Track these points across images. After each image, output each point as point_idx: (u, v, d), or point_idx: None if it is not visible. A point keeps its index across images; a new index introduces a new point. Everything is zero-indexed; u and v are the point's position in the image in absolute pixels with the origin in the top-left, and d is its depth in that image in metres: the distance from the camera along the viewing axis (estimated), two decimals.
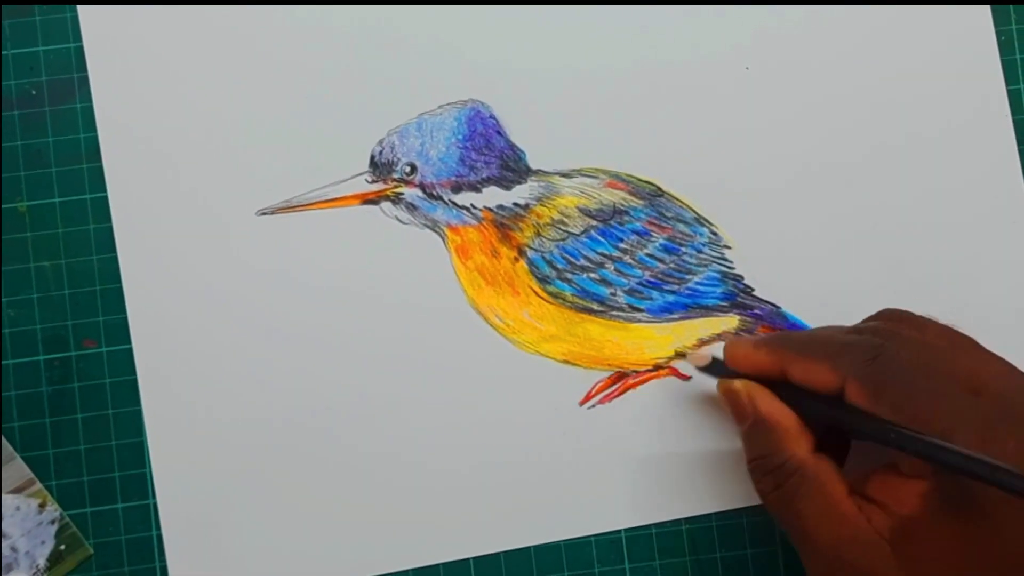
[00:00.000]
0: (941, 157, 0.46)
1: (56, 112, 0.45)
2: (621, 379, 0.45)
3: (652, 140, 0.45)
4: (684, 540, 0.45)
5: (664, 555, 0.45)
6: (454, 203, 0.44)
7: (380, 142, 0.44)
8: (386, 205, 0.44)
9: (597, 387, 0.45)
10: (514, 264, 0.44)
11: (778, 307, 0.45)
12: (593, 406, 0.44)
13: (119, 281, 0.45)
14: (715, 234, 0.45)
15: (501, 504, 0.44)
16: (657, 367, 0.45)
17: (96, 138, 0.45)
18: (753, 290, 0.45)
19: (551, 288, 0.44)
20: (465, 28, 0.45)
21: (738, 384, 0.40)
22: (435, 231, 0.45)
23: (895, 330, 0.38)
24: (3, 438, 0.44)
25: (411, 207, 0.44)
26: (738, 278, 0.45)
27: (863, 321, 0.41)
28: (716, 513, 0.45)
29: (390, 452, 0.44)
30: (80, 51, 0.45)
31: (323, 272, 0.44)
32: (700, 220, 0.45)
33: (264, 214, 0.44)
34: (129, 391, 0.44)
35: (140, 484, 0.44)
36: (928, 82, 0.46)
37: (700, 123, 0.45)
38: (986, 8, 0.46)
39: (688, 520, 0.45)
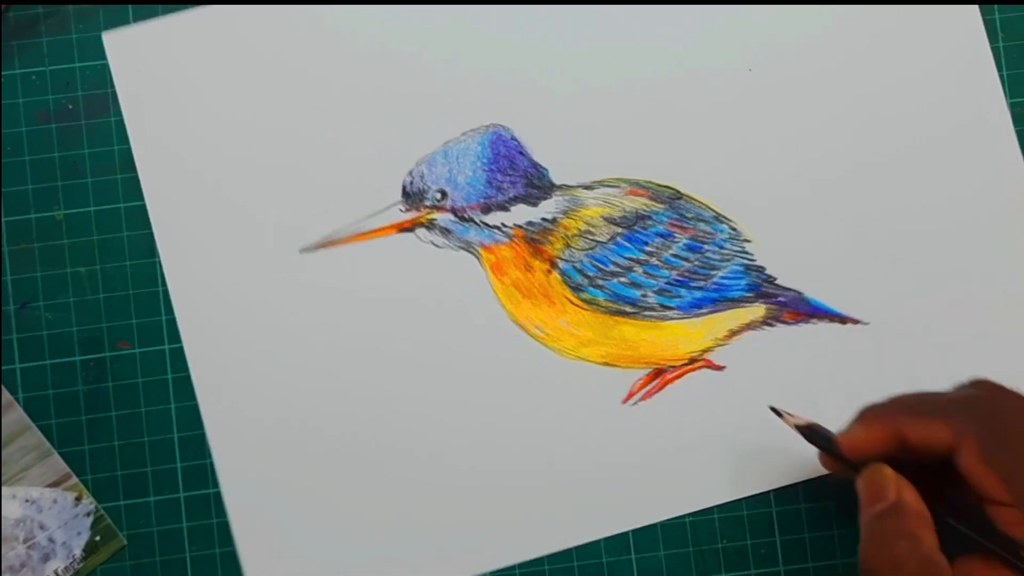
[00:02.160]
0: (943, 152, 0.48)
1: (91, 125, 0.47)
2: (659, 375, 0.47)
3: (667, 147, 0.47)
4: (687, 532, 0.47)
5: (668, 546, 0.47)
6: (485, 224, 0.47)
7: (410, 172, 0.47)
8: (421, 231, 0.47)
9: (637, 385, 0.47)
10: (547, 276, 0.47)
11: (800, 292, 0.47)
12: (635, 403, 0.47)
13: (152, 285, 0.47)
14: (735, 230, 0.47)
15: (557, 503, 0.46)
16: (692, 360, 0.47)
17: (129, 149, 0.47)
18: (775, 279, 0.47)
19: (585, 295, 0.47)
20: (480, 54, 0.47)
21: (890, 470, 0.39)
22: (470, 252, 0.47)
23: (997, 397, 0.39)
24: (41, 434, 0.46)
25: (445, 231, 0.47)
26: (760, 269, 0.47)
27: (955, 388, 0.41)
28: (718, 506, 0.47)
29: (439, 460, 0.46)
30: None
31: (368, 299, 0.46)
32: (719, 218, 0.47)
33: (307, 252, 0.46)
34: (161, 390, 0.47)
35: (171, 478, 0.46)
36: (930, 84, 0.48)
37: (712, 127, 0.48)
38: (978, 20, 0.49)
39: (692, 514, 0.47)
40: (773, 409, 0.45)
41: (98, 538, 0.46)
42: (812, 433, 0.44)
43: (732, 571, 0.47)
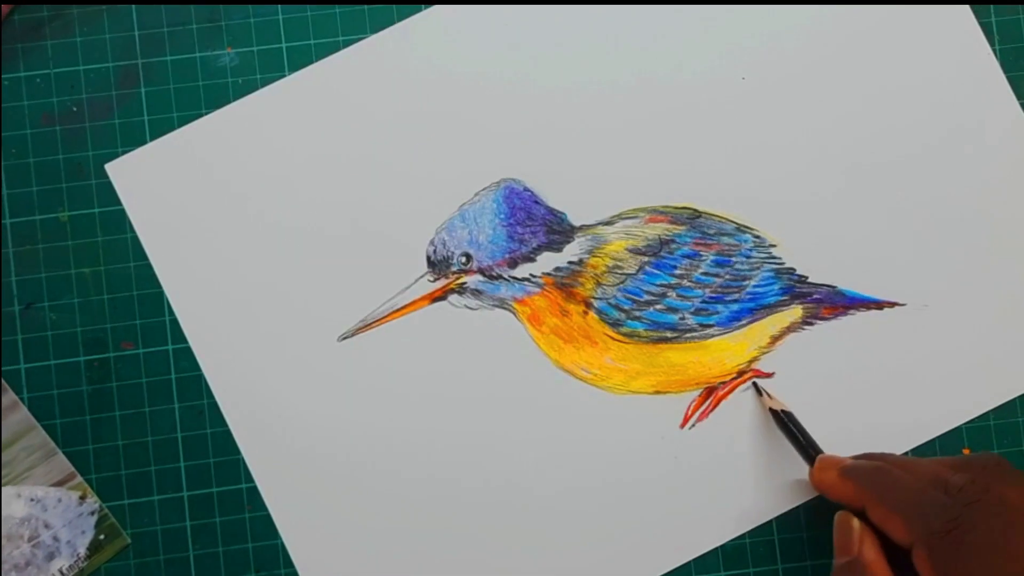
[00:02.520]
0: (946, 140, 0.48)
1: (95, 127, 0.48)
2: (712, 393, 0.47)
3: (678, 169, 0.48)
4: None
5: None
6: (514, 278, 0.47)
7: (431, 242, 0.47)
8: (454, 297, 0.47)
9: (692, 407, 0.47)
10: (584, 317, 0.47)
11: (834, 286, 0.48)
12: (693, 425, 0.47)
13: (155, 286, 0.47)
14: (758, 237, 0.48)
15: (636, 536, 0.47)
16: (741, 373, 0.47)
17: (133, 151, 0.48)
18: (807, 278, 0.48)
19: (624, 329, 0.47)
20: (479, 112, 0.48)
21: (856, 523, 0.41)
22: (505, 308, 0.47)
23: (985, 486, 0.39)
24: (46, 434, 0.46)
25: (477, 292, 0.47)
26: (791, 271, 0.48)
27: (962, 459, 0.42)
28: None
29: (504, 507, 0.47)
30: (118, 70, 0.48)
31: (413, 372, 0.47)
32: (741, 228, 0.48)
33: (345, 338, 0.47)
34: (164, 390, 0.47)
35: (174, 477, 0.47)
36: (930, 78, 0.49)
37: (718, 142, 0.48)
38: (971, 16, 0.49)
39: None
40: (755, 384, 0.46)
41: (102, 537, 0.47)
42: (784, 421, 0.45)
43: (731, 569, 0.47)
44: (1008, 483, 0.40)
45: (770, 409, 0.46)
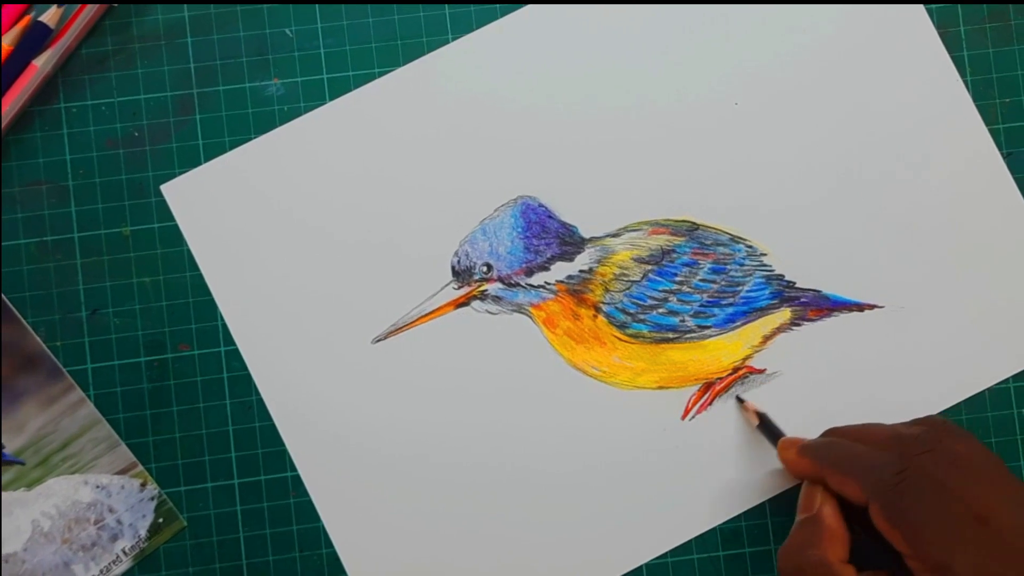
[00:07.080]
0: (919, 151, 0.52)
1: (155, 151, 0.52)
2: (709, 388, 0.52)
3: (677, 185, 0.52)
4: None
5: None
6: (531, 285, 0.51)
7: (455, 253, 0.51)
8: (476, 303, 0.51)
9: (691, 401, 0.52)
10: (594, 320, 0.52)
11: (819, 291, 0.52)
12: (693, 417, 0.51)
13: (208, 294, 0.51)
14: (751, 247, 0.52)
15: (641, 517, 0.51)
16: (736, 369, 0.52)
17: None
18: (795, 283, 0.52)
19: (630, 331, 0.51)
20: (499, 135, 0.52)
21: (819, 488, 0.45)
22: (522, 312, 0.52)
23: (933, 440, 0.43)
24: (111, 427, 0.50)
25: (496, 299, 0.51)
26: (780, 277, 0.52)
27: (910, 423, 0.46)
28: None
29: (518, 493, 0.51)
30: (175, 99, 0.52)
31: (440, 370, 0.51)
32: (735, 239, 0.52)
33: (378, 341, 0.51)
34: (217, 388, 0.51)
35: (226, 466, 0.51)
36: (898, 90, 0.52)
37: (714, 161, 0.52)
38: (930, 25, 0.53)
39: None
40: (738, 399, 0.50)
41: (161, 520, 0.50)
42: (762, 420, 0.49)
43: (728, 549, 0.51)
44: (955, 439, 0.43)
45: (755, 412, 0.50)
